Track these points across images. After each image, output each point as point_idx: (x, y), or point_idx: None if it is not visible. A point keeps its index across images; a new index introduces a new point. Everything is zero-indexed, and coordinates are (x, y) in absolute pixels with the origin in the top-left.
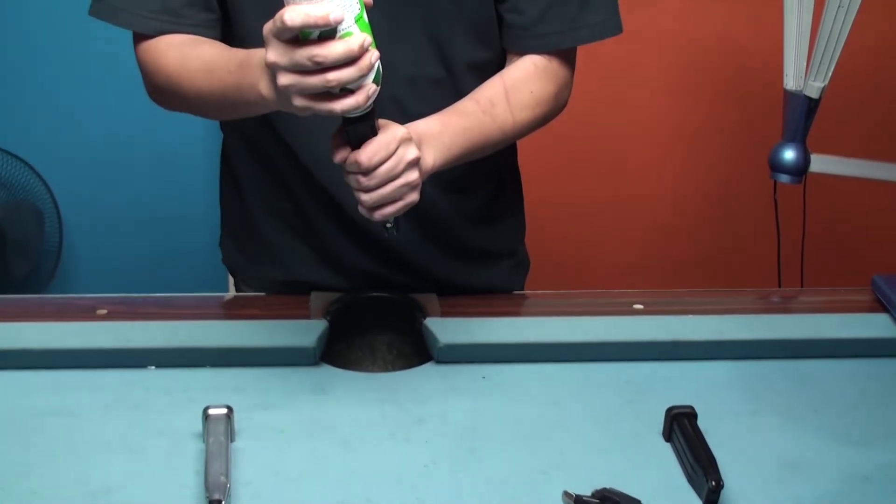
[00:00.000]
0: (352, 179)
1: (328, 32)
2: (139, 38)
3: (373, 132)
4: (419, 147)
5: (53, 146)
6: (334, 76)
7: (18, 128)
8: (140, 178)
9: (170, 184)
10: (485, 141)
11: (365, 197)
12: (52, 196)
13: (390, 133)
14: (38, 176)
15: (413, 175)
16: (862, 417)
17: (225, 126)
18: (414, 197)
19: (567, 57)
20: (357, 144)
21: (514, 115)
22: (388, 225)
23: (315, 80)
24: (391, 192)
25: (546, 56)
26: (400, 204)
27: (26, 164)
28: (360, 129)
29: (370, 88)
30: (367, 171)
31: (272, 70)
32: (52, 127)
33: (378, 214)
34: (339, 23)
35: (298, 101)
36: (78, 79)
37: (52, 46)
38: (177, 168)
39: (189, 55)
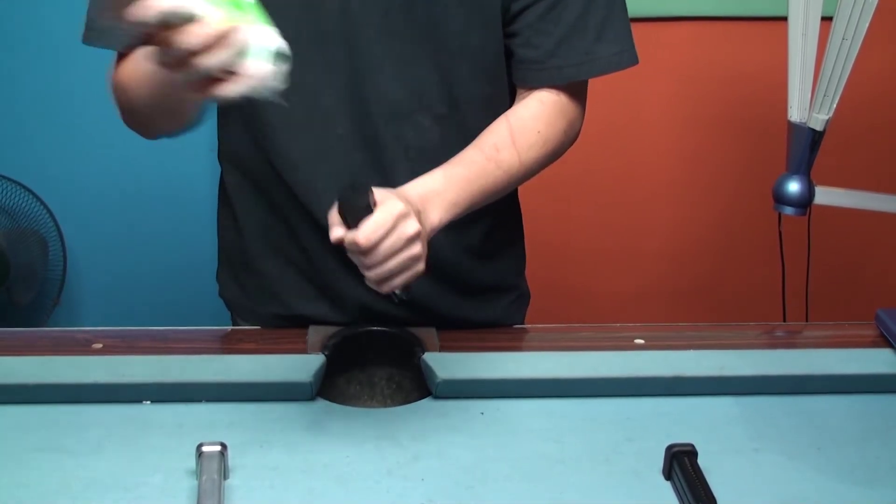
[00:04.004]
0: (353, 258)
1: (185, 18)
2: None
3: (368, 210)
4: (424, 207)
5: (58, 174)
6: (198, 61)
7: (23, 156)
8: (144, 206)
9: (174, 213)
10: (492, 188)
11: (369, 274)
12: (56, 224)
13: (387, 209)
14: (43, 204)
15: (415, 249)
16: (867, 455)
17: (223, 159)
18: (420, 267)
19: (578, 90)
20: (354, 223)
21: (520, 158)
22: (396, 292)
23: (185, 70)
24: (395, 267)
25: (555, 91)
26: (406, 275)
27: (31, 192)
28: (355, 207)
29: (260, 68)
30: (367, 251)
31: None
32: (56, 155)
33: (385, 288)
34: (174, 11)
35: (189, 93)
36: (83, 108)
37: (57, 76)
38: (181, 197)
39: (139, 62)
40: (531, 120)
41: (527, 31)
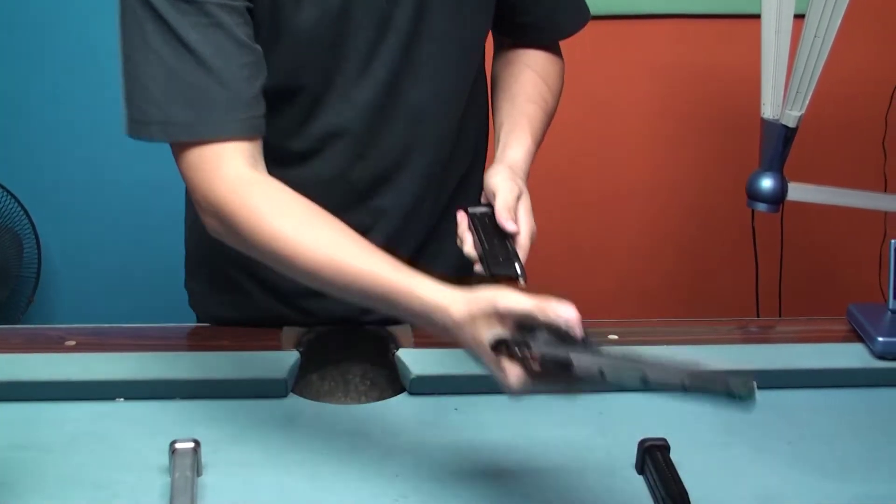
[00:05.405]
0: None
1: None
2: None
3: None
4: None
5: (33, 173)
6: None
7: None
8: (119, 205)
9: (149, 211)
10: (543, 134)
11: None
12: (31, 222)
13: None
14: (18, 202)
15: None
16: (837, 449)
17: None
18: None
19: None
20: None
21: (556, 101)
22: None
23: None
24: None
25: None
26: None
27: (6, 190)
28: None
29: None
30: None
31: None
32: (32, 153)
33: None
34: None
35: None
36: (60, 107)
37: (34, 74)
38: (156, 196)
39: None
40: (550, 66)
41: (524, 2)
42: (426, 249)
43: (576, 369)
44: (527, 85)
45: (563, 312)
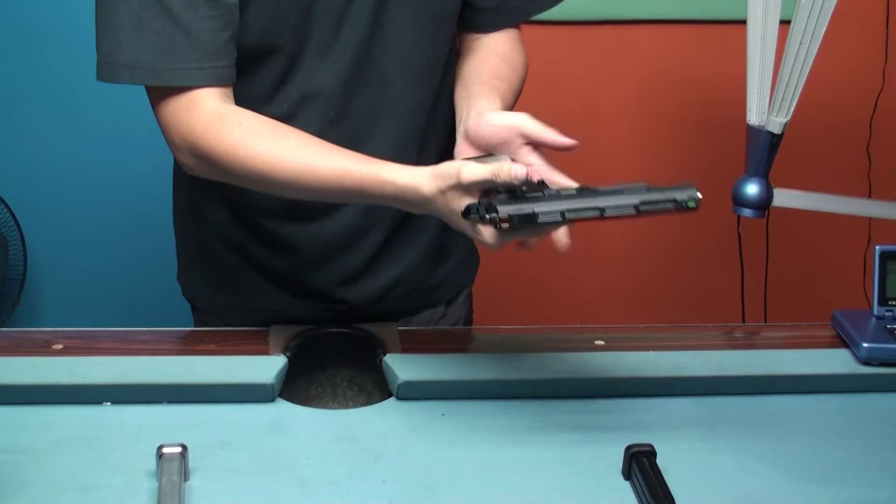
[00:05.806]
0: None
1: None
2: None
3: None
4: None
5: (19, 174)
6: None
7: None
8: (106, 207)
9: (137, 212)
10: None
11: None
12: (17, 224)
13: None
14: (4, 204)
15: None
16: (822, 455)
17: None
18: None
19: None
20: None
21: (521, 82)
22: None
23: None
24: None
25: (507, 33)
26: None
27: None
28: None
29: None
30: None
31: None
32: (17, 154)
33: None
34: None
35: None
36: (46, 108)
37: (18, 75)
38: (144, 198)
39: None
40: (512, 52)
41: None
42: (404, 227)
43: (541, 218)
44: (489, 63)
45: (515, 172)
